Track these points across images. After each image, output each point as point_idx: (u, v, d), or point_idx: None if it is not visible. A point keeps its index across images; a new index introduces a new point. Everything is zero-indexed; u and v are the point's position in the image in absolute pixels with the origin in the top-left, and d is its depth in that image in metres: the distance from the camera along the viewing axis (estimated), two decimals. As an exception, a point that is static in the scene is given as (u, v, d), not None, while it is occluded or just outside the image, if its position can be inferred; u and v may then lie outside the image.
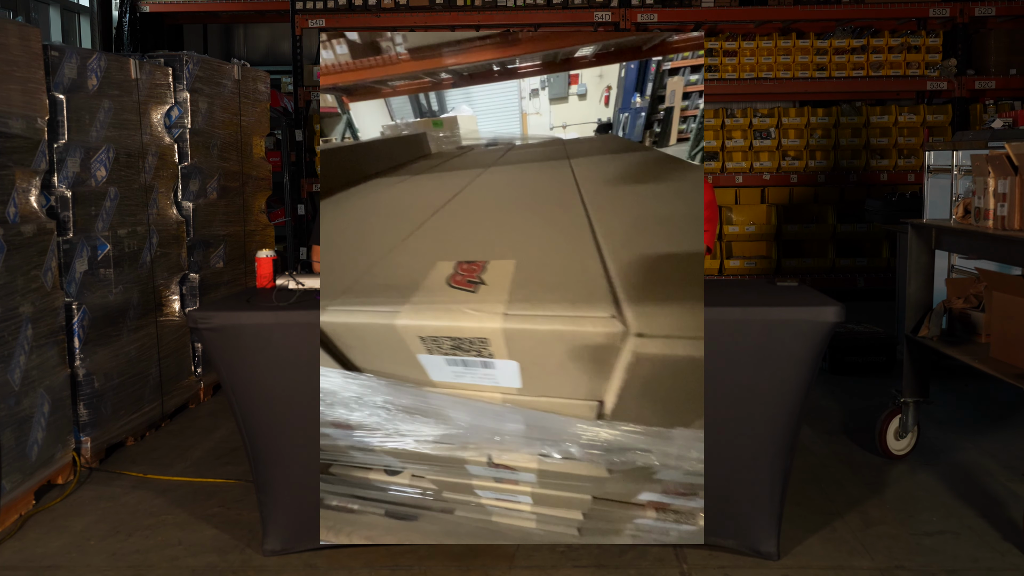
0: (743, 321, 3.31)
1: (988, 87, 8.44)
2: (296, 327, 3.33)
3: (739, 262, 8.57)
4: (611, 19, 8.38)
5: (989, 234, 3.92)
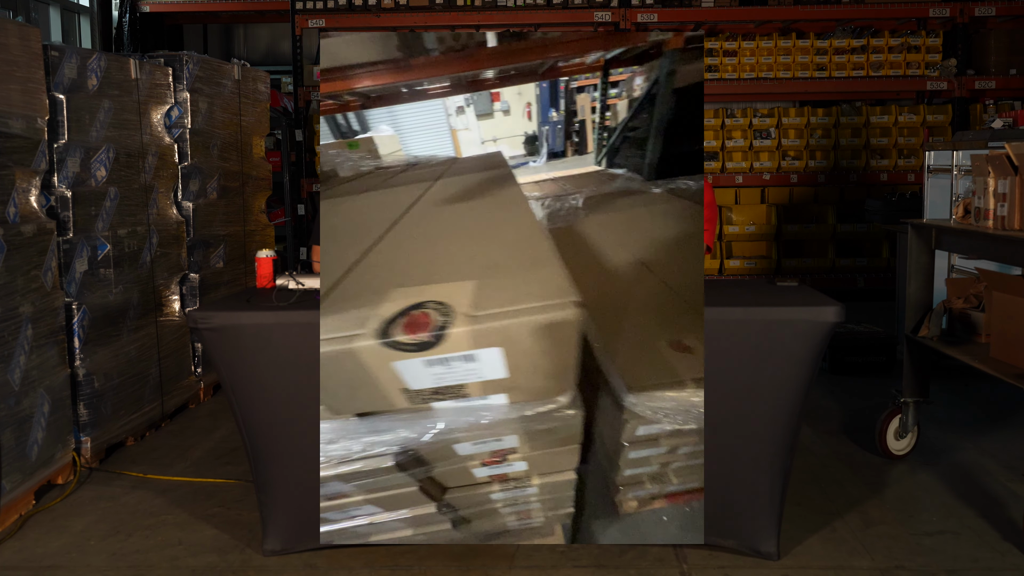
0: (743, 321, 3.31)
1: (988, 87, 8.44)
2: (296, 327, 3.33)
3: (739, 262, 8.57)
4: (611, 19, 8.38)
5: (989, 234, 3.92)
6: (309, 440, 3.34)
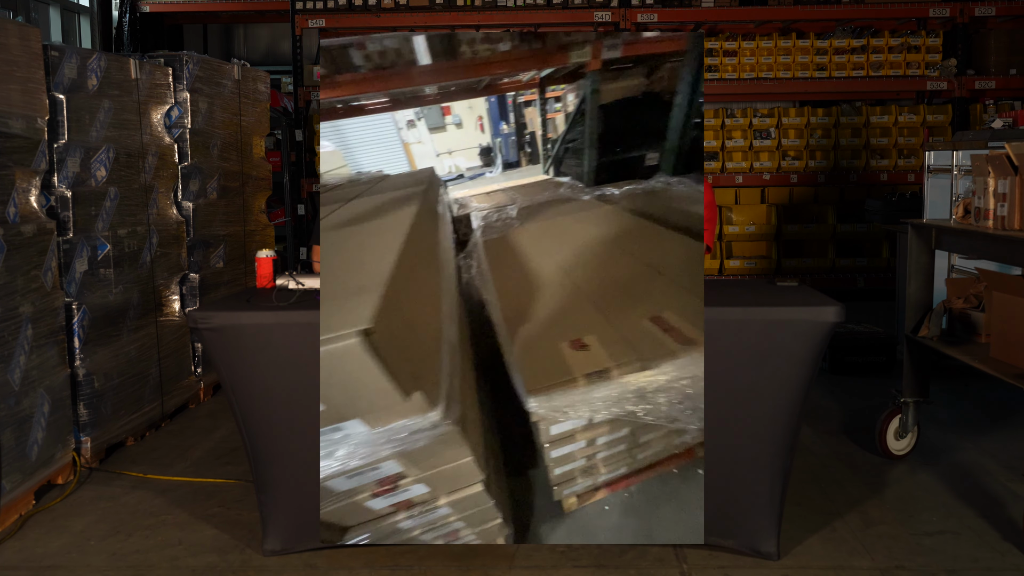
0: (743, 321, 3.31)
1: (988, 87, 8.43)
2: (296, 327, 3.33)
3: (739, 262, 8.57)
4: (611, 19, 8.38)
5: (989, 234, 3.92)
6: (309, 440, 3.34)
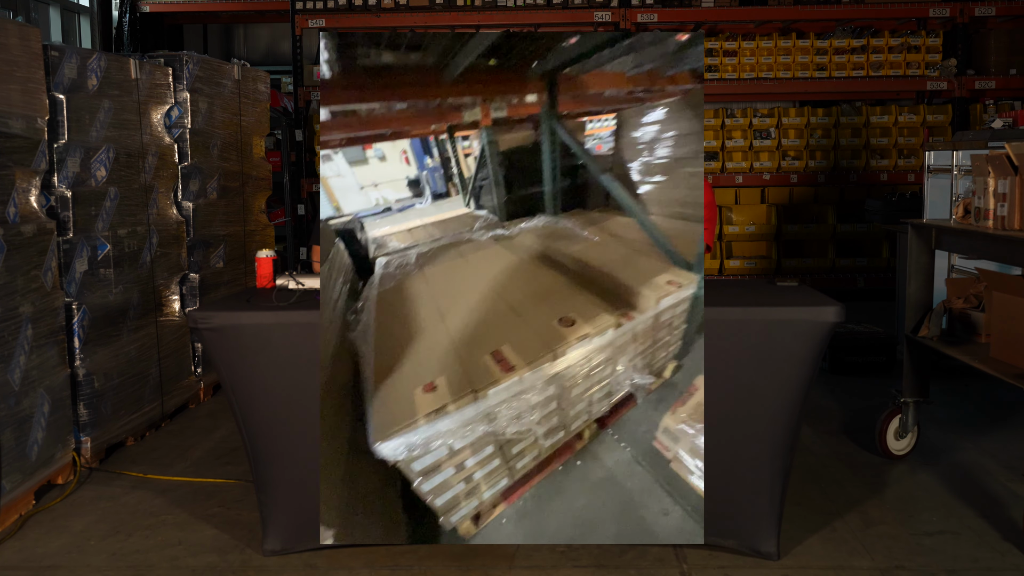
0: (743, 321, 3.31)
1: (988, 87, 8.44)
2: (296, 327, 3.33)
3: (739, 262, 8.57)
4: (611, 19, 8.38)
5: (989, 234, 3.92)
6: (309, 440, 3.34)
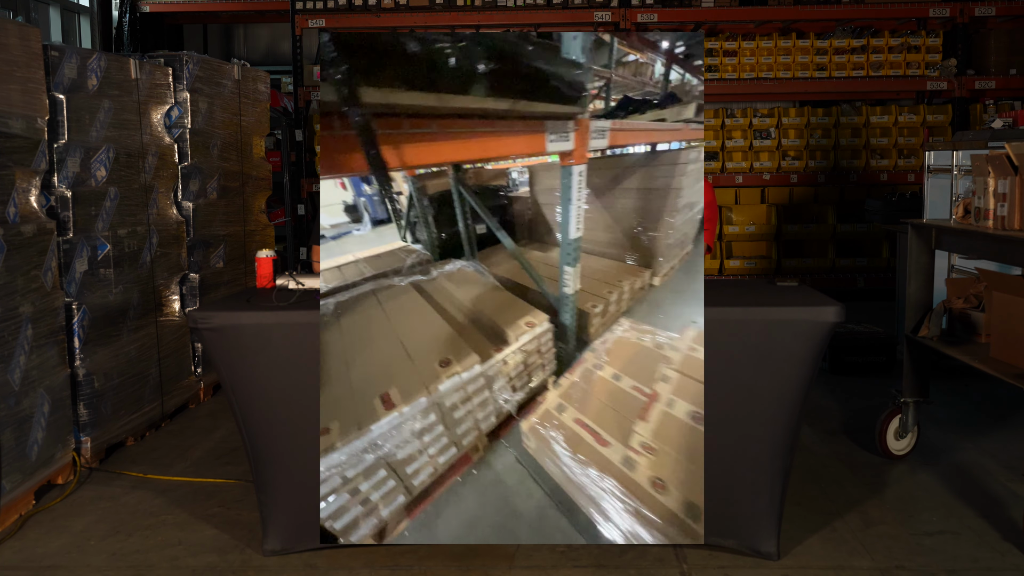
0: (743, 321, 3.31)
1: (988, 87, 8.44)
2: (296, 327, 3.33)
3: (739, 262, 8.57)
4: (611, 19, 8.38)
5: (989, 234, 3.92)
6: (309, 440, 3.34)
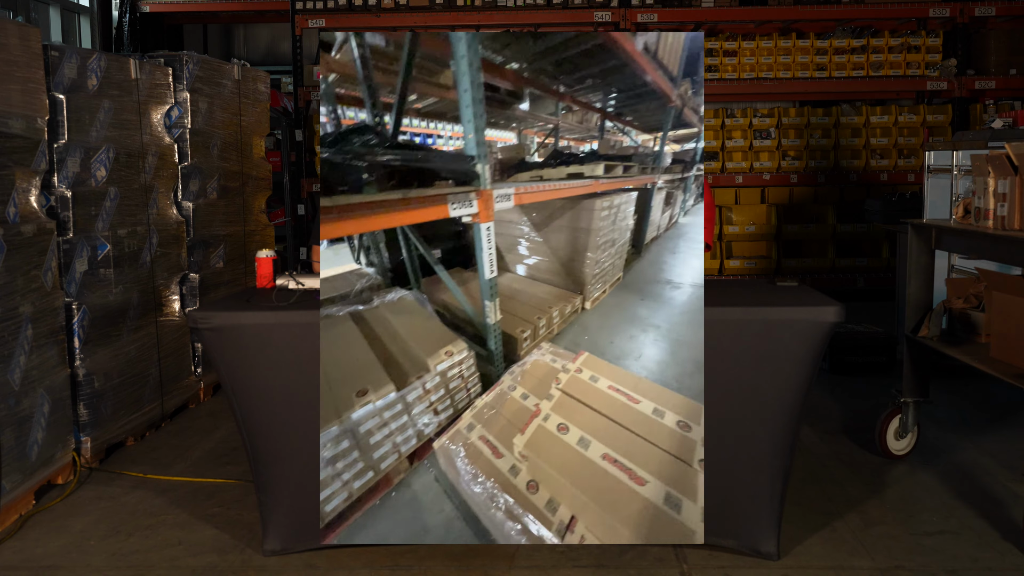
0: (743, 321, 3.31)
1: (988, 87, 8.44)
2: (296, 327, 3.33)
3: (739, 262, 8.57)
4: (611, 19, 8.38)
5: (989, 234, 3.92)
6: (309, 440, 3.34)
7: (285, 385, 3.38)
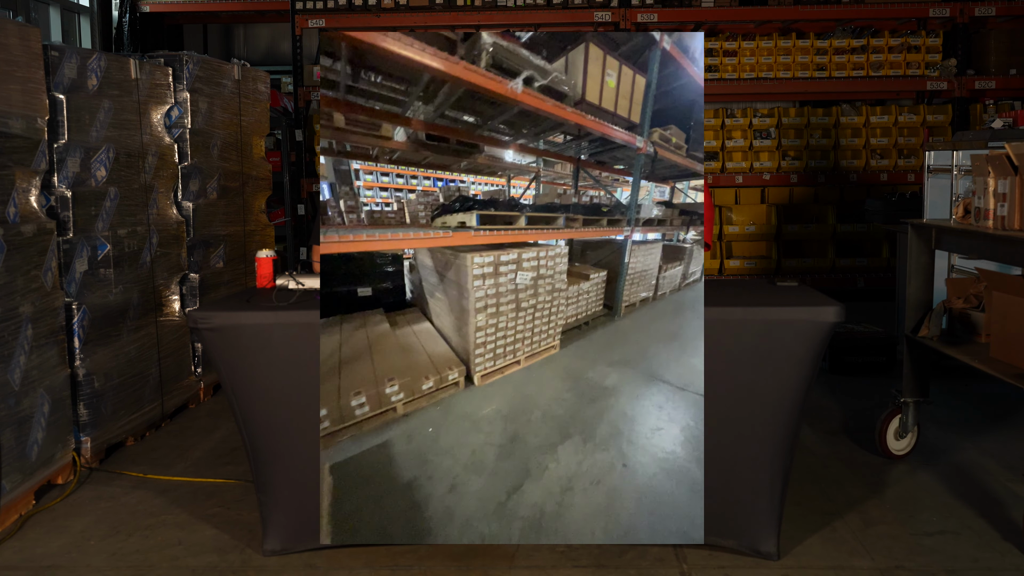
0: (743, 321, 3.31)
1: (988, 87, 8.44)
2: (296, 327, 3.33)
3: (739, 262, 8.57)
4: (611, 19, 8.38)
5: (989, 234, 3.92)
6: (309, 440, 3.34)
7: (285, 385, 3.38)
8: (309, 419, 3.33)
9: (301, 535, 3.50)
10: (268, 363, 3.37)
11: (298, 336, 3.33)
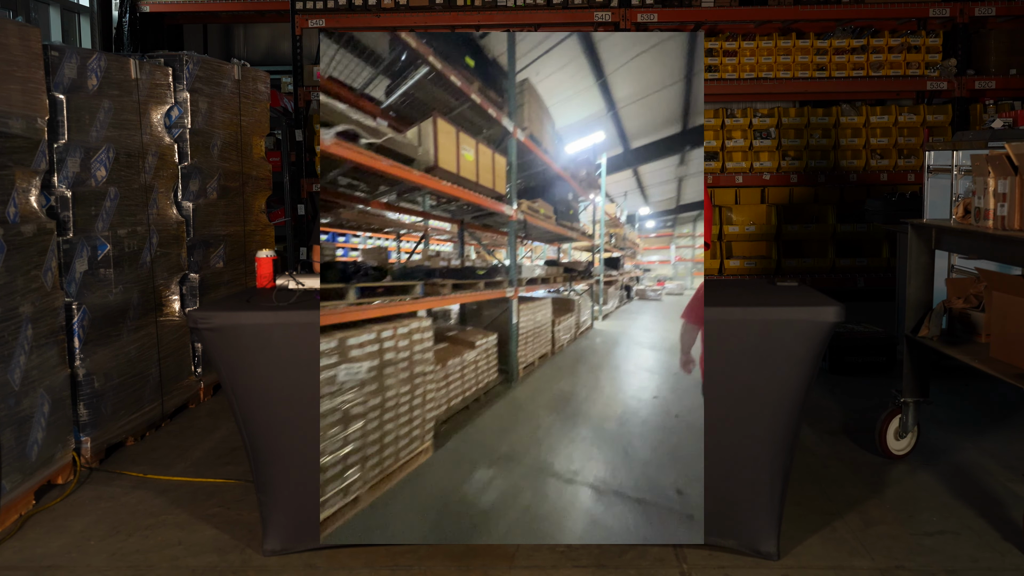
0: (743, 321, 3.31)
1: (988, 87, 8.44)
2: (296, 327, 3.33)
3: (739, 262, 8.57)
4: (611, 19, 8.38)
5: (989, 234, 3.92)
6: (309, 440, 3.34)
7: (285, 385, 3.38)
8: (309, 419, 3.33)
9: (301, 535, 3.50)
10: (268, 363, 3.37)
11: (298, 336, 3.33)
